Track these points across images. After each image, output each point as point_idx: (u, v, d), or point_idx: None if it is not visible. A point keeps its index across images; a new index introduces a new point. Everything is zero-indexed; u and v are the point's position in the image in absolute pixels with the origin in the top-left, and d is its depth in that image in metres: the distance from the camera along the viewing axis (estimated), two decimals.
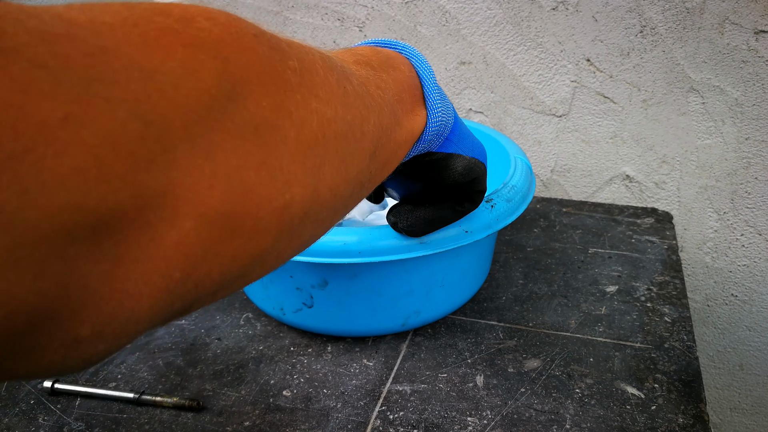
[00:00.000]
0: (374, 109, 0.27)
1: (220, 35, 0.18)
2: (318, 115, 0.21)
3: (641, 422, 0.41)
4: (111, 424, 0.42)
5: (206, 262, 0.17)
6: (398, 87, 0.31)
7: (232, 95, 0.17)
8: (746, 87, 0.66)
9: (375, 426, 0.41)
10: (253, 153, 0.18)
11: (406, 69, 0.33)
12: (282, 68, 0.20)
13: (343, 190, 0.24)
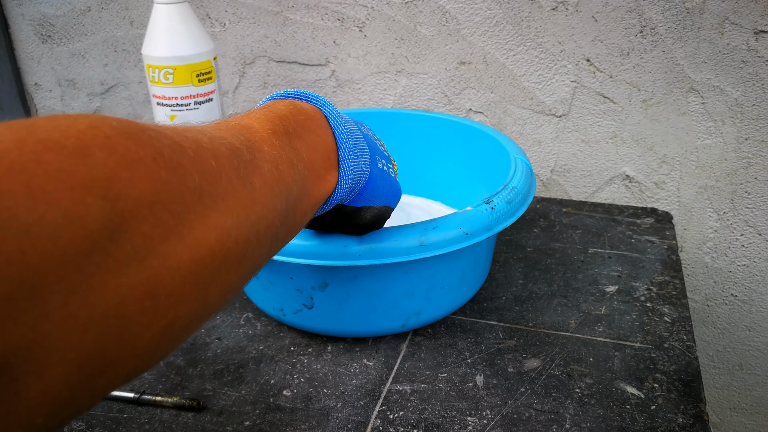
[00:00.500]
0: (282, 194, 0.27)
1: (114, 169, 0.17)
2: (217, 229, 0.21)
3: (641, 422, 0.41)
4: (111, 424, 0.42)
5: (75, 400, 0.17)
6: (312, 155, 0.32)
7: (118, 234, 0.17)
8: (746, 87, 0.66)
9: (375, 426, 0.41)
10: (138, 287, 0.18)
11: (322, 131, 0.34)
12: (180, 190, 0.20)
13: (239, 283, 0.24)
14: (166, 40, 0.60)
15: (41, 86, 0.93)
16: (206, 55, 0.62)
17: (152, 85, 0.62)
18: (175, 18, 0.61)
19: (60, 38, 0.88)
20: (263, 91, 0.83)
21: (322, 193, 0.33)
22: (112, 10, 0.84)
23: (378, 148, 0.40)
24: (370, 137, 0.39)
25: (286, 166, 0.28)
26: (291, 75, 0.81)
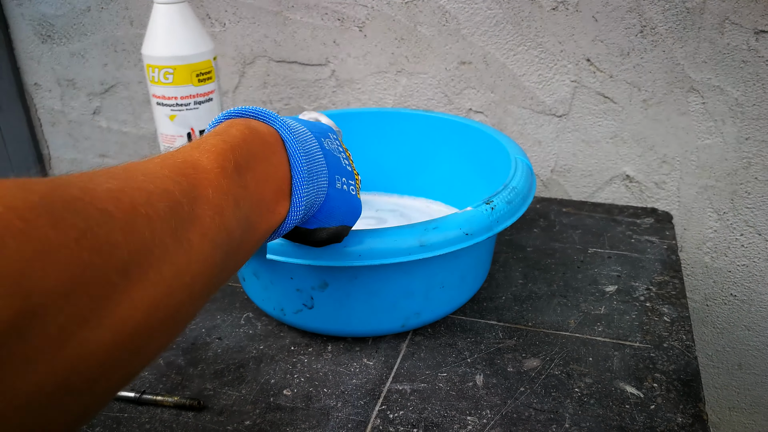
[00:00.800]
0: (223, 244, 0.26)
1: (28, 261, 0.16)
2: (145, 303, 0.20)
3: (640, 421, 0.41)
4: (112, 424, 0.42)
5: None
6: (262, 188, 0.31)
7: (28, 330, 0.16)
8: (746, 87, 0.66)
9: (375, 425, 0.41)
10: (49, 382, 0.16)
11: (276, 158, 0.33)
12: (104, 271, 0.18)
13: (169, 343, 0.24)
14: (166, 39, 0.60)
15: (41, 86, 0.93)
16: (206, 55, 0.62)
17: (152, 85, 0.62)
18: (175, 18, 0.61)
19: (60, 38, 0.88)
20: (263, 90, 0.83)
21: (269, 227, 0.32)
22: (111, 10, 0.84)
23: (340, 166, 0.39)
24: (333, 152, 0.38)
25: (230, 210, 0.27)
26: (291, 75, 0.81)
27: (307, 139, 0.35)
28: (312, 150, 0.35)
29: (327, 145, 0.38)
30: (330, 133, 0.40)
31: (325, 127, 0.40)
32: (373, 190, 0.68)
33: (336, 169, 0.38)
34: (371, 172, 0.67)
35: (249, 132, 0.32)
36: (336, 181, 0.37)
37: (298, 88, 0.82)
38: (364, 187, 0.68)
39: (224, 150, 0.29)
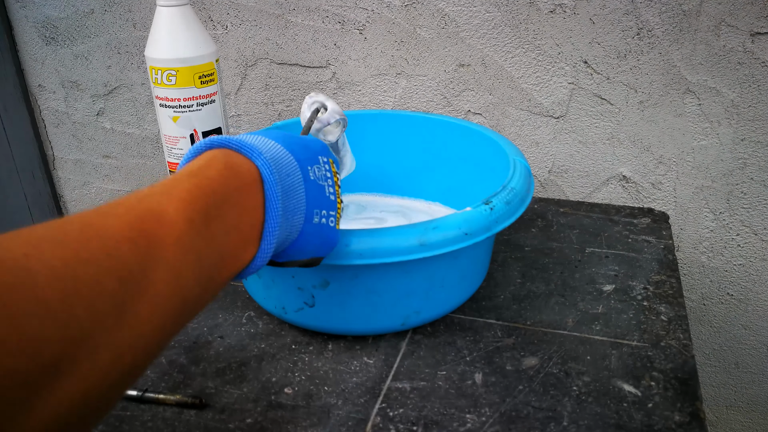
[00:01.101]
0: (176, 308, 0.25)
1: None
2: (73, 397, 0.19)
3: (638, 420, 0.42)
4: (114, 422, 0.42)
5: None
6: (230, 237, 0.29)
7: None
8: (742, 89, 0.67)
9: (375, 423, 0.42)
10: None
11: (252, 200, 0.31)
12: (28, 374, 0.17)
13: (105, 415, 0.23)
14: (169, 42, 0.61)
15: (45, 88, 0.94)
16: (208, 57, 0.62)
17: (155, 87, 0.63)
18: (177, 20, 0.61)
19: (63, 40, 0.89)
20: (265, 92, 0.84)
21: (231, 274, 0.31)
22: (115, 13, 0.85)
23: (322, 197, 0.37)
24: (317, 182, 0.36)
25: (190, 269, 0.26)
26: (292, 77, 0.82)
27: (290, 172, 0.34)
28: (293, 185, 0.34)
29: (313, 173, 0.36)
30: (321, 156, 0.38)
31: (316, 149, 0.38)
32: (373, 191, 0.69)
33: (316, 202, 0.36)
34: (370, 173, 0.68)
35: (227, 172, 0.30)
36: (314, 215, 0.36)
37: (300, 90, 0.82)
38: (364, 188, 0.69)
39: (196, 197, 0.27)
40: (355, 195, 0.69)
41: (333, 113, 0.48)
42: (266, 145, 0.33)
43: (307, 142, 0.38)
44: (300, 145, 0.36)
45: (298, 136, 0.38)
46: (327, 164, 0.38)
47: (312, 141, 0.39)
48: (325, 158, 0.38)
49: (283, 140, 0.35)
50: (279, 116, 0.85)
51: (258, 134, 0.35)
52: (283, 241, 0.34)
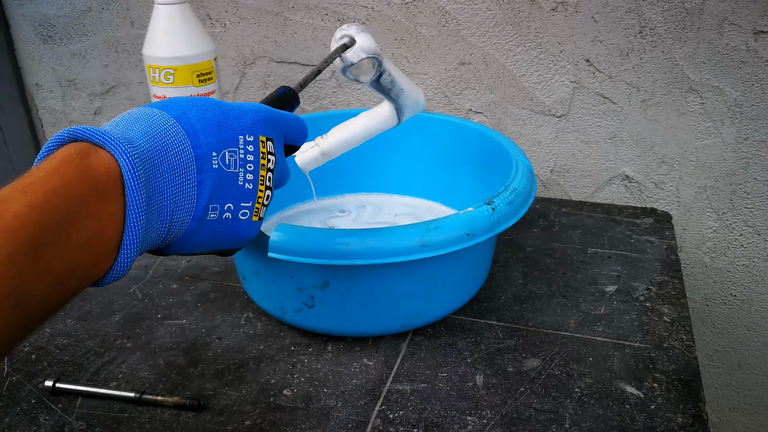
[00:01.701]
0: None
1: None
2: None
3: (640, 422, 0.41)
4: (112, 424, 0.42)
5: None
6: (74, 256, 0.26)
7: None
8: (745, 87, 0.66)
9: (375, 425, 0.41)
10: None
11: (107, 211, 0.27)
12: None
13: None
14: (167, 40, 0.60)
15: (42, 86, 0.93)
16: (207, 56, 0.62)
17: (153, 86, 0.62)
18: (175, 18, 0.61)
19: (61, 38, 0.88)
20: (263, 91, 0.83)
21: (78, 289, 0.27)
22: (112, 11, 0.84)
23: (230, 187, 0.32)
24: (226, 169, 0.31)
25: (10, 309, 0.23)
26: (291, 75, 0.81)
27: (174, 165, 0.29)
28: (175, 182, 0.29)
29: (221, 160, 0.31)
30: (245, 135, 0.32)
31: (238, 127, 0.32)
32: (373, 191, 0.69)
33: (219, 195, 0.31)
34: (369, 172, 0.68)
35: (77, 177, 0.26)
36: (209, 211, 0.31)
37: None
38: (362, 187, 0.68)
39: (25, 224, 0.24)
40: (355, 195, 0.68)
41: (358, 52, 0.41)
42: (141, 134, 0.28)
43: (228, 118, 0.32)
44: (211, 124, 0.31)
45: (224, 108, 0.32)
46: (253, 144, 0.32)
47: (239, 115, 0.33)
48: (252, 137, 0.32)
49: (186, 119, 0.31)
50: None
51: (154, 107, 0.31)
52: (155, 243, 0.30)
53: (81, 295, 0.56)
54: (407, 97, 0.47)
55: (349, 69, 0.42)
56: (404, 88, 0.46)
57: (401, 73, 0.46)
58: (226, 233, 0.33)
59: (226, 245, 0.34)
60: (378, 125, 0.50)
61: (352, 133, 0.50)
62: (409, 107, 0.47)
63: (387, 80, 0.44)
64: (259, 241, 0.44)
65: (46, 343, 0.50)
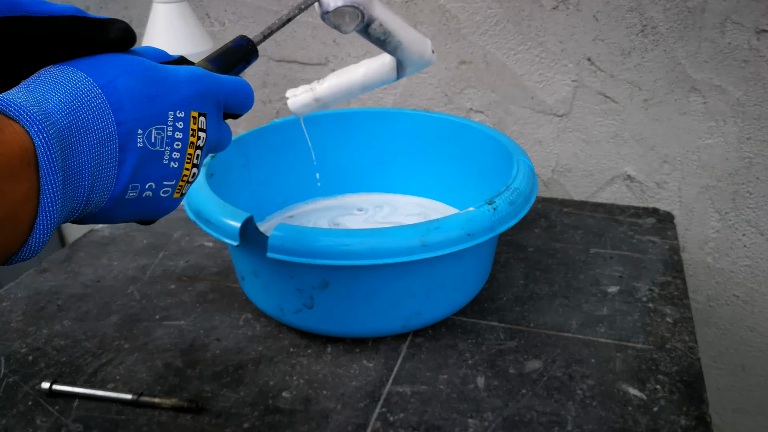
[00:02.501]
0: None
1: None
2: None
3: (643, 424, 0.41)
4: (109, 426, 0.42)
5: None
6: None
7: None
8: (748, 86, 0.66)
9: (375, 428, 0.41)
10: None
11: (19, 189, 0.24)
12: None
13: None
14: (166, 39, 0.60)
15: None
16: (205, 54, 0.62)
17: None
18: (174, 17, 0.61)
19: None
20: (263, 90, 0.83)
21: None
22: (111, 10, 0.84)
23: (155, 166, 0.30)
24: (147, 149, 0.29)
25: None
26: (291, 74, 0.81)
27: (94, 142, 0.27)
28: (96, 160, 0.27)
29: (146, 138, 0.29)
30: (174, 111, 0.30)
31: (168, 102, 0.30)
32: (373, 191, 0.68)
33: (142, 174, 0.29)
34: (369, 172, 0.67)
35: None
36: (129, 190, 0.29)
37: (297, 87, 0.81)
38: (362, 187, 0.68)
39: None
40: (356, 195, 0.68)
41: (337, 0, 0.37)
42: (60, 106, 0.26)
43: (160, 90, 0.30)
44: (141, 98, 0.29)
45: (157, 77, 0.30)
46: (183, 121, 0.30)
47: (172, 87, 0.30)
48: (183, 112, 0.30)
49: (113, 88, 0.28)
50: (277, 114, 0.84)
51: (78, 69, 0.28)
52: (68, 219, 0.29)
53: (78, 296, 0.56)
54: (406, 51, 0.43)
55: (326, 16, 0.38)
56: (402, 41, 0.42)
57: (401, 23, 0.42)
58: (145, 209, 0.32)
59: (143, 218, 0.33)
60: (377, 77, 0.46)
61: (349, 81, 0.47)
62: (410, 62, 0.43)
63: (378, 31, 0.40)
64: (258, 241, 0.43)
65: (43, 344, 0.50)
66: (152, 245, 0.64)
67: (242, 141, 0.59)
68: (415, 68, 0.45)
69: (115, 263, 0.61)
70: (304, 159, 0.65)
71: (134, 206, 0.31)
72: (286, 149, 0.63)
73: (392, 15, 0.42)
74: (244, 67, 0.36)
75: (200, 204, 0.46)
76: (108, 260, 0.61)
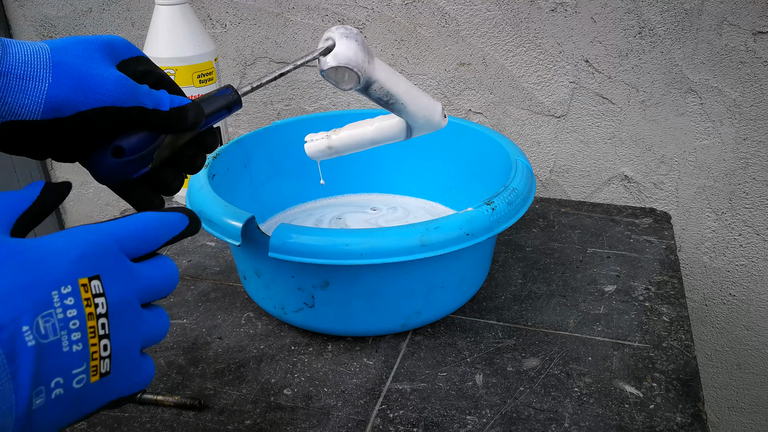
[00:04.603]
0: None
1: None
2: None
3: (639, 421, 0.41)
4: (113, 423, 0.42)
5: None
6: None
7: None
8: (744, 88, 0.67)
9: (375, 424, 0.41)
10: None
11: None
12: None
13: None
14: (168, 41, 0.61)
15: None
16: (207, 56, 0.62)
17: None
18: (176, 19, 0.61)
19: None
20: (264, 91, 0.83)
21: None
22: (113, 11, 0.84)
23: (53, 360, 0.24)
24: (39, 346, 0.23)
25: None
26: (291, 76, 0.81)
27: None
28: None
29: (36, 332, 0.23)
30: (63, 286, 0.24)
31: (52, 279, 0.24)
32: (372, 191, 0.69)
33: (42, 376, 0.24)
34: (369, 172, 0.68)
35: None
36: (34, 399, 0.23)
37: (299, 89, 0.82)
38: (362, 187, 0.68)
39: None
40: (355, 196, 0.68)
41: (330, 59, 0.37)
42: None
43: (37, 273, 0.24)
44: (14, 292, 0.23)
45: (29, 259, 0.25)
46: (72, 296, 0.25)
47: (50, 262, 0.25)
48: (70, 287, 0.25)
49: None
50: (278, 115, 0.85)
51: None
52: None
53: None
54: (411, 114, 0.42)
55: (324, 74, 0.39)
56: (407, 104, 0.41)
57: (406, 86, 0.42)
58: (67, 410, 0.25)
59: (82, 415, 0.26)
60: (386, 135, 0.47)
61: (361, 137, 0.48)
62: (417, 125, 0.43)
63: (378, 93, 0.40)
64: (260, 241, 0.44)
65: None
66: None
67: (244, 142, 0.59)
68: (423, 131, 0.45)
69: None
70: (304, 159, 0.65)
71: (51, 412, 0.25)
72: (287, 150, 0.64)
73: (396, 77, 0.41)
74: (225, 114, 0.37)
75: (202, 204, 0.47)
76: None
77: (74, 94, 0.30)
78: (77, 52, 0.31)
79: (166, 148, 0.34)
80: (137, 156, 0.33)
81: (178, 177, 0.37)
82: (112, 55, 0.33)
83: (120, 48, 0.34)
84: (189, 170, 0.37)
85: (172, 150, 0.35)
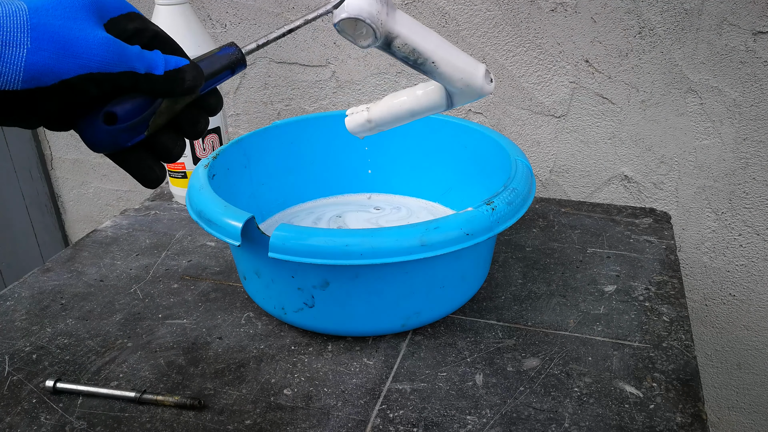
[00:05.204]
0: None
1: None
2: None
3: (639, 421, 0.41)
4: (113, 423, 0.42)
5: None
6: None
7: None
8: (744, 88, 0.67)
9: (375, 424, 0.41)
10: None
11: None
12: None
13: None
14: None
15: None
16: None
17: None
18: (176, 19, 0.61)
19: None
20: (264, 91, 0.83)
21: None
22: None
23: None
24: None
25: None
26: (291, 76, 0.81)
27: None
28: None
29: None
30: None
31: None
32: (372, 191, 0.69)
33: None
34: (367, 171, 0.68)
35: None
36: None
37: (299, 89, 0.82)
38: (363, 188, 0.68)
39: None
40: (356, 195, 0.68)
41: (339, 10, 0.34)
42: None
43: None
44: None
45: None
46: None
47: None
48: None
49: None
50: (278, 115, 0.85)
51: None
52: None
53: (82, 295, 0.56)
54: (443, 76, 0.37)
55: (336, 27, 0.35)
56: (438, 65, 0.36)
57: (438, 42, 0.37)
58: None
59: None
60: (425, 104, 0.42)
61: (399, 107, 0.43)
62: (454, 90, 0.38)
63: (403, 51, 0.36)
64: (260, 241, 0.44)
65: (47, 342, 0.50)
66: (155, 245, 0.64)
67: (244, 142, 0.60)
68: (464, 98, 0.40)
69: (118, 263, 0.61)
70: (304, 159, 0.66)
71: None
72: (287, 150, 0.64)
73: (425, 32, 0.37)
74: (228, 75, 0.34)
75: (202, 204, 0.47)
76: (111, 260, 0.62)
77: (56, 60, 0.27)
78: (59, 13, 0.28)
79: (163, 114, 0.31)
80: (132, 122, 0.30)
81: (178, 143, 0.34)
82: (99, 13, 0.30)
83: (108, 4, 0.31)
84: (190, 135, 0.34)
85: (171, 115, 0.32)
